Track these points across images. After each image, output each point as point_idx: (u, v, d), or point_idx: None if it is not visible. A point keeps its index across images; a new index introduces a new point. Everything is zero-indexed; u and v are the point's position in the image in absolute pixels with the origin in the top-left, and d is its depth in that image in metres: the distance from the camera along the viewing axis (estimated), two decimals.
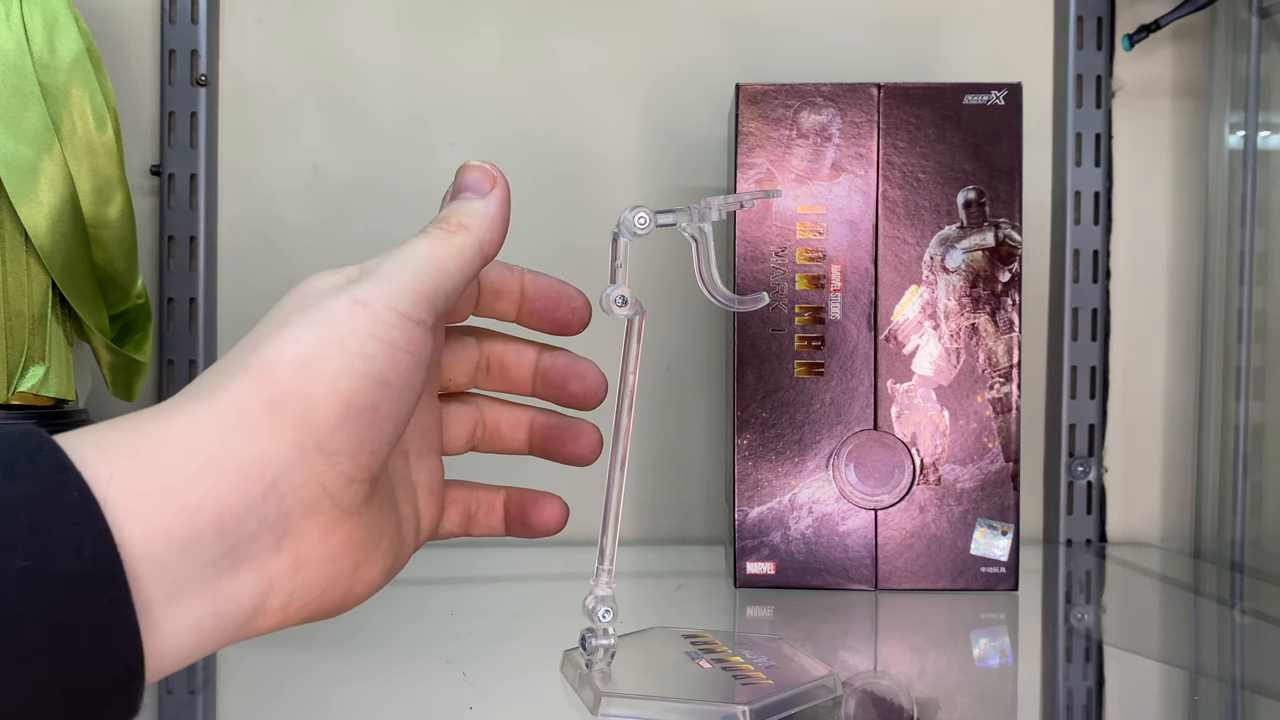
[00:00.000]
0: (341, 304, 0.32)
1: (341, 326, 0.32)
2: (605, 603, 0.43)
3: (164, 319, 0.84)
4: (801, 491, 0.65)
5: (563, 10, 0.87)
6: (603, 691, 0.42)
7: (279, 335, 0.32)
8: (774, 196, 0.47)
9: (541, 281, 0.42)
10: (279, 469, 0.30)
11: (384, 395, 0.32)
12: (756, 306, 0.45)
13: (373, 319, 0.32)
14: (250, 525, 0.30)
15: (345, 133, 0.86)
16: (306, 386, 0.31)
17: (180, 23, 0.84)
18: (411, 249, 0.35)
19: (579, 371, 0.42)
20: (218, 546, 0.29)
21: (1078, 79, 0.85)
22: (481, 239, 0.37)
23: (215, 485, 0.29)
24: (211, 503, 0.29)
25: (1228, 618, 0.68)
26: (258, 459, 0.30)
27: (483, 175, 0.38)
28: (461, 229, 0.36)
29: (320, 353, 0.31)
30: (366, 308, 0.32)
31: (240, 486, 0.29)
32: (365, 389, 0.31)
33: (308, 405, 0.30)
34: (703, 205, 0.44)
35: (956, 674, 0.52)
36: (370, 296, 0.33)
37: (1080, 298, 0.85)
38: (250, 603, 0.30)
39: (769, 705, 0.41)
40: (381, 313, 0.32)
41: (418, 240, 0.35)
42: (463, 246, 0.36)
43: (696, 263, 0.44)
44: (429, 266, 0.34)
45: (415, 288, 0.34)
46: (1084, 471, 0.85)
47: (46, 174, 0.62)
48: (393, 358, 0.32)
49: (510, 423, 0.43)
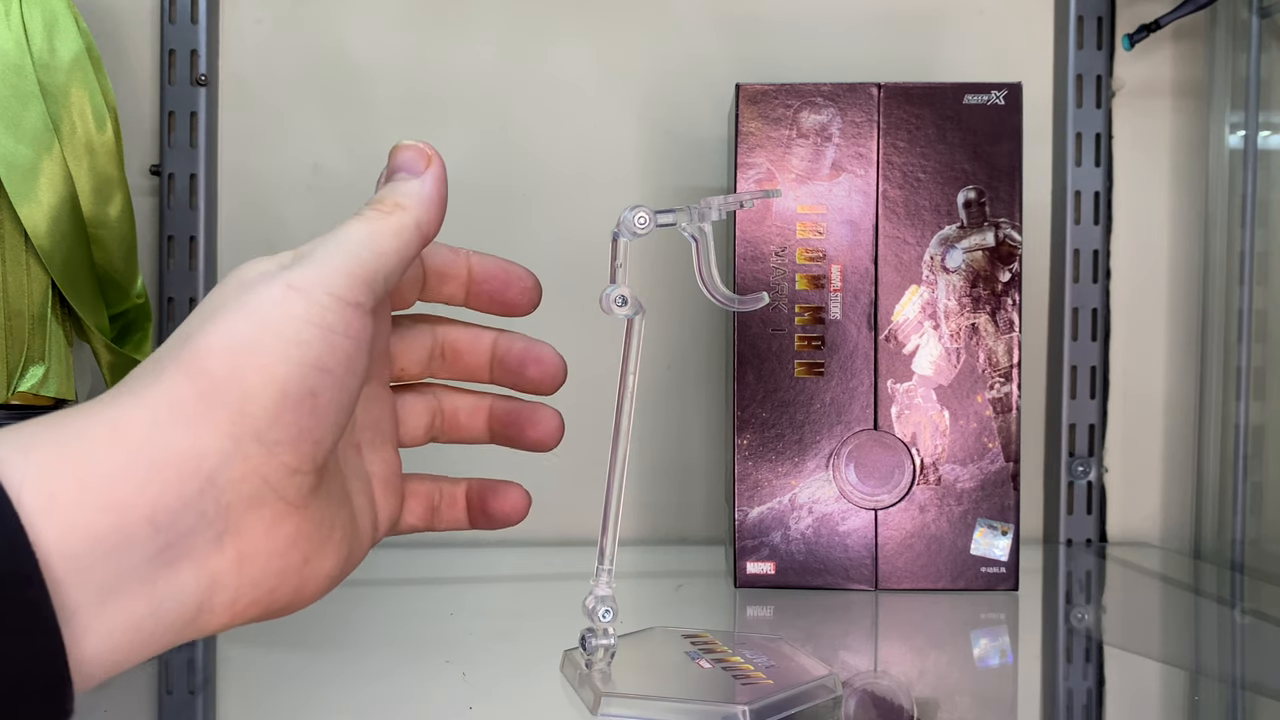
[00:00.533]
0: (275, 290, 0.31)
1: (275, 312, 0.31)
2: (605, 603, 0.43)
3: (164, 319, 0.84)
4: (802, 491, 0.65)
5: (563, 10, 0.87)
6: (603, 691, 0.42)
7: (211, 323, 0.30)
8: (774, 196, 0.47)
9: (489, 262, 0.41)
10: (215, 462, 0.29)
11: (323, 382, 0.31)
12: (756, 306, 0.45)
13: (308, 304, 0.31)
14: (188, 520, 0.29)
15: (345, 133, 0.86)
16: (241, 375, 0.30)
17: (180, 23, 0.84)
18: (345, 231, 0.34)
19: (536, 355, 0.41)
20: (152, 544, 0.28)
21: (1078, 79, 0.85)
22: (418, 219, 0.36)
23: (146, 480, 0.28)
24: (143, 499, 0.28)
25: (1228, 618, 0.68)
26: (192, 452, 0.29)
27: (416, 154, 0.37)
28: (397, 209, 0.35)
29: (254, 340, 0.30)
30: (301, 292, 0.31)
31: (174, 481, 0.28)
32: (302, 376, 0.30)
33: (242, 394, 0.29)
34: (703, 205, 0.44)
35: (956, 674, 0.52)
36: (305, 281, 0.32)
37: (1080, 298, 0.85)
38: (194, 600, 0.29)
39: (769, 705, 0.41)
40: (317, 297, 0.31)
41: (352, 223, 0.34)
42: (399, 227, 0.35)
43: (696, 263, 0.44)
44: (365, 249, 0.33)
45: (351, 270, 0.32)
46: (1084, 471, 0.85)
47: (46, 174, 0.62)
48: (330, 343, 0.31)
49: (468, 410, 0.42)
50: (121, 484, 0.28)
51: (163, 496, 0.28)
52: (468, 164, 0.87)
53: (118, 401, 0.29)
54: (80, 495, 0.27)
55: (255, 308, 0.31)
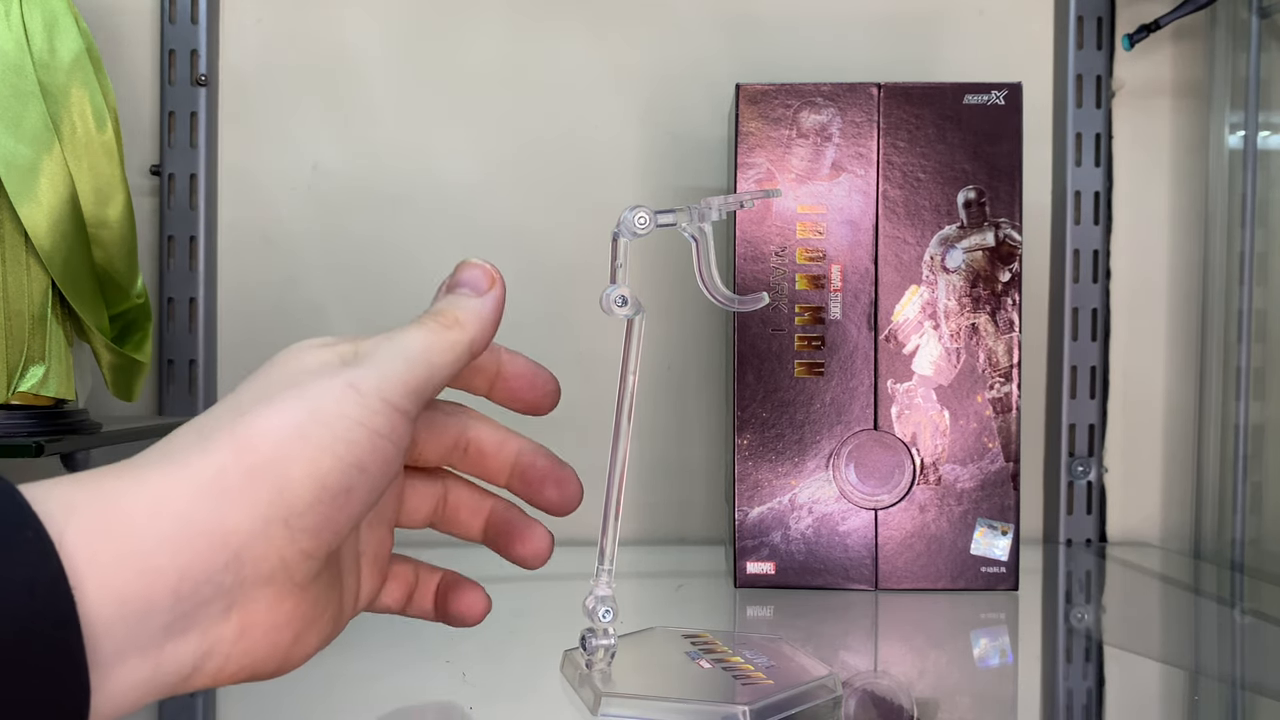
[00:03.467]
0: (334, 386, 0.32)
1: (331, 408, 0.32)
2: (605, 603, 0.43)
3: (164, 319, 0.84)
4: (802, 491, 0.65)
5: (563, 10, 0.87)
6: (603, 691, 0.42)
7: (267, 406, 0.32)
8: (774, 196, 0.47)
9: (519, 362, 0.42)
10: (244, 539, 0.30)
11: (359, 480, 0.32)
12: (756, 306, 0.45)
13: (362, 406, 0.32)
14: (206, 593, 0.30)
15: (345, 132, 0.86)
16: (286, 462, 0.31)
17: (180, 23, 0.84)
18: (406, 339, 0.35)
19: (559, 477, 0.42)
20: (171, 613, 0.29)
21: (1078, 79, 0.85)
22: (473, 338, 0.37)
23: (179, 551, 0.29)
24: (173, 568, 0.29)
25: (1228, 618, 0.68)
26: (226, 528, 0.30)
27: (482, 274, 0.38)
28: (456, 325, 0.37)
29: (306, 431, 0.31)
30: (359, 394, 0.32)
31: (205, 553, 0.29)
32: (342, 472, 0.32)
33: (284, 480, 0.31)
34: (703, 205, 0.44)
35: (956, 674, 0.52)
36: (365, 384, 0.33)
37: (1080, 298, 0.85)
38: (189, 665, 0.30)
39: (769, 705, 0.41)
40: (372, 400, 0.33)
41: (412, 331, 0.36)
42: (454, 343, 0.36)
43: (696, 263, 0.44)
44: (421, 359, 0.35)
45: (406, 379, 0.34)
46: (1084, 471, 0.85)
47: (46, 174, 0.62)
48: (374, 445, 0.32)
49: (470, 508, 0.42)
50: (157, 554, 0.29)
51: (191, 568, 0.29)
52: (468, 164, 0.87)
53: (162, 468, 0.30)
54: (118, 561, 0.28)
55: (311, 399, 0.32)
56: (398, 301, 0.86)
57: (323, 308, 0.86)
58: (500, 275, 0.39)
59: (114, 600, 0.28)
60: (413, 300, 0.92)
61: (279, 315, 0.86)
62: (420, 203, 0.86)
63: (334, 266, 0.86)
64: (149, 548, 0.29)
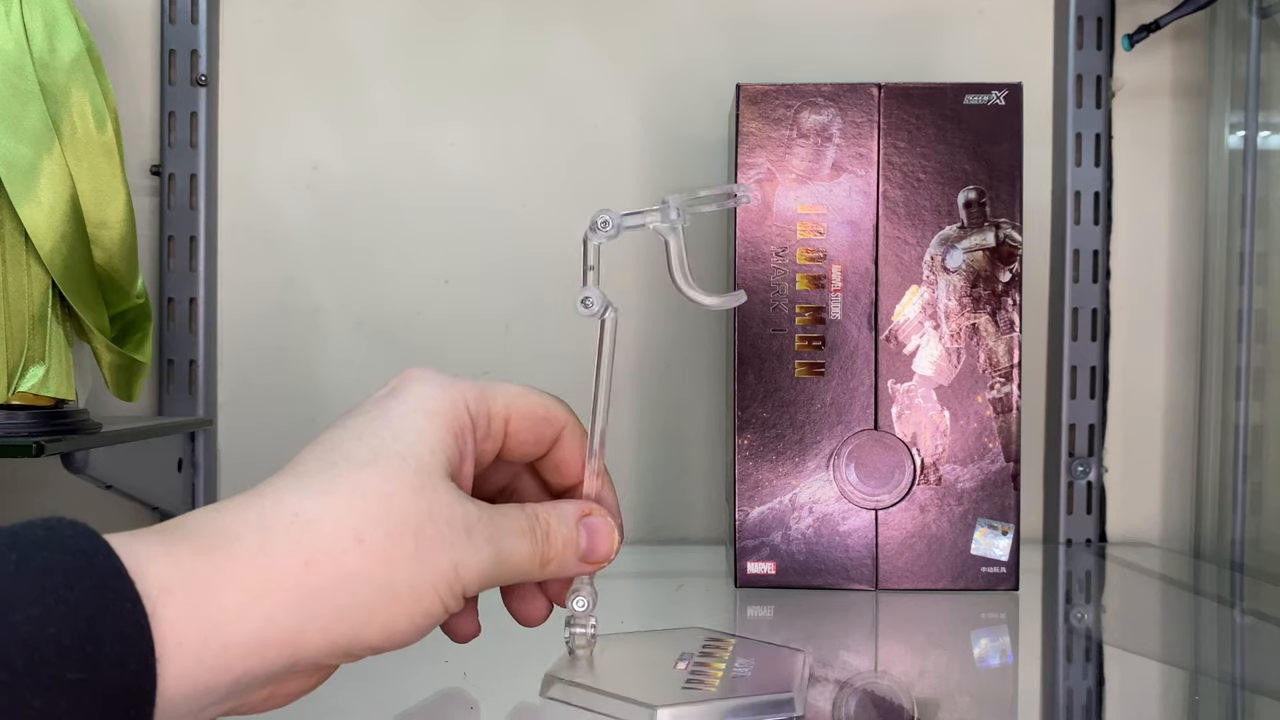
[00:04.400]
0: (443, 563, 0.34)
1: (429, 583, 0.34)
2: (580, 592, 0.43)
3: (164, 319, 0.84)
4: (802, 491, 0.65)
5: (563, 10, 0.87)
6: (554, 676, 0.44)
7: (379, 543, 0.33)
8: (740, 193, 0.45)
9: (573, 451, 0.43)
10: (308, 654, 0.32)
11: (416, 637, 0.35)
12: (732, 305, 0.45)
13: (452, 593, 0.35)
14: (259, 682, 0.32)
15: (345, 132, 0.86)
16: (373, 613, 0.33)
17: (180, 23, 0.84)
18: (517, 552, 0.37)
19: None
20: (225, 698, 0.31)
21: (1078, 79, 0.85)
22: (540, 577, 0.39)
23: (252, 655, 0.31)
24: (243, 668, 0.31)
25: (1228, 618, 0.68)
26: (298, 644, 0.32)
27: (606, 549, 0.41)
28: (545, 568, 0.39)
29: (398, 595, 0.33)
30: (456, 578, 0.35)
31: (271, 661, 0.31)
32: (409, 633, 0.34)
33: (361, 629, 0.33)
34: (664, 206, 0.44)
35: (957, 674, 0.52)
36: (466, 574, 0.35)
37: (1080, 298, 0.85)
38: (212, 715, 0.32)
39: (688, 712, 0.41)
40: (458, 589, 0.35)
41: (524, 544, 0.38)
42: (528, 574, 0.38)
43: (667, 262, 0.44)
44: (508, 575, 0.37)
45: (488, 583, 0.36)
46: (1084, 471, 0.85)
47: (46, 174, 0.62)
48: (439, 620, 0.35)
49: None
50: (232, 653, 0.30)
51: (256, 668, 0.31)
52: (468, 164, 0.87)
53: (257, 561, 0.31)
54: (198, 652, 0.30)
55: (422, 568, 0.34)
56: (398, 301, 0.86)
57: (323, 308, 0.86)
58: (613, 558, 0.41)
59: (187, 686, 0.30)
60: (413, 300, 0.92)
61: (279, 315, 0.86)
62: (420, 203, 0.86)
63: (334, 266, 0.86)
64: (228, 646, 0.30)
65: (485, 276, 0.86)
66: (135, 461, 0.73)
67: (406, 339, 0.86)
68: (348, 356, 0.86)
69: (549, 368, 0.85)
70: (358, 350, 0.86)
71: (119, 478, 0.70)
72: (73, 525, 0.30)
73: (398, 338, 0.86)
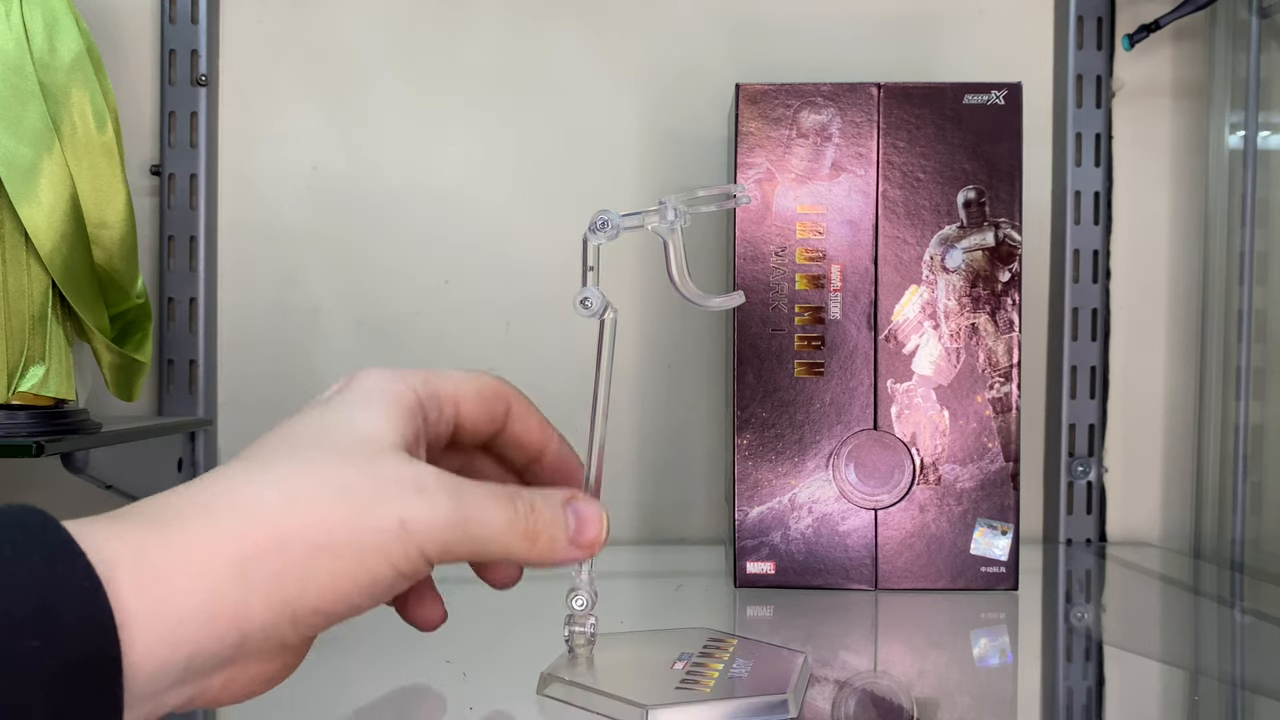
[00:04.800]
0: (387, 518, 0.33)
1: (371, 541, 0.33)
2: (579, 592, 0.44)
3: (164, 319, 0.84)
4: (801, 491, 0.65)
5: (563, 10, 0.87)
6: (550, 675, 0.44)
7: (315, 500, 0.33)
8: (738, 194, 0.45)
9: (565, 456, 0.43)
10: (256, 626, 0.32)
11: (367, 603, 0.34)
12: (730, 305, 0.45)
13: (403, 552, 0.33)
14: (211, 661, 0.31)
15: (345, 132, 0.86)
16: (311, 570, 0.32)
17: (180, 23, 0.84)
18: (484, 511, 0.36)
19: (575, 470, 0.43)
20: (178, 677, 0.31)
21: (1078, 79, 0.85)
22: (531, 560, 0.38)
23: (201, 629, 0.31)
24: (192, 641, 0.30)
25: (1228, 618, 0.68)
26: (243, 614, 0.31)
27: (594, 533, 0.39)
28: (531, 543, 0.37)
29: (339, 552, 0.33)
30: (405, 535, 0.33)
31: (220, 633, 0.31)
32: (355, 596, 0.33)
33: (304, 587, 0.32)
34: (662, 206, 0.44)
35: (956, 674, 0.52)
36: (417, 527, 0.34)
37: (1080, 298, 0.85)
38: (173, 705, 0.32)
39: (680, 713, 0.41)
40: (411, 550, 0.34)
41: (497, 508, 0.36)
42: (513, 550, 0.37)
43: (666, 262, 0.44)
44: (478, 540, 0.36)
45: (454, 547, 0.35)
46: (1084, 471, 0.85)
47: (46, 174, 0.62)
48: (394, 583, 0.34)
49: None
50: (185, 626, 0.30)
51: (206, 642, 0.31)
52: (468, 164, 0.87)
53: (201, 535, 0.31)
54: (149, 626, 0.29)
55: (360, 523, 0.33)
56: (398, 301, 0.86)
57: (323, 308, 0.86)
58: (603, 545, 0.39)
59: (144, 660, 0.29)
60: (413, 300, 0.92)
61: (279, 315, 0.86)
62: (420, 203, 0.86)
63: (334, 266, 0.86)
64: (180, 619, 0.30)
65: (485, 276, 0.86)
66: (135, 461, 0.73)
67: (406, 339, 0.86)
68: (348, 356, 0.86)
69: (549, 368, 0.85)
70: (358, 350, 0.86)
71: (119, 478, 0.70)
72: (22, 507, 0.30)
73: (398, 337, 0.86)
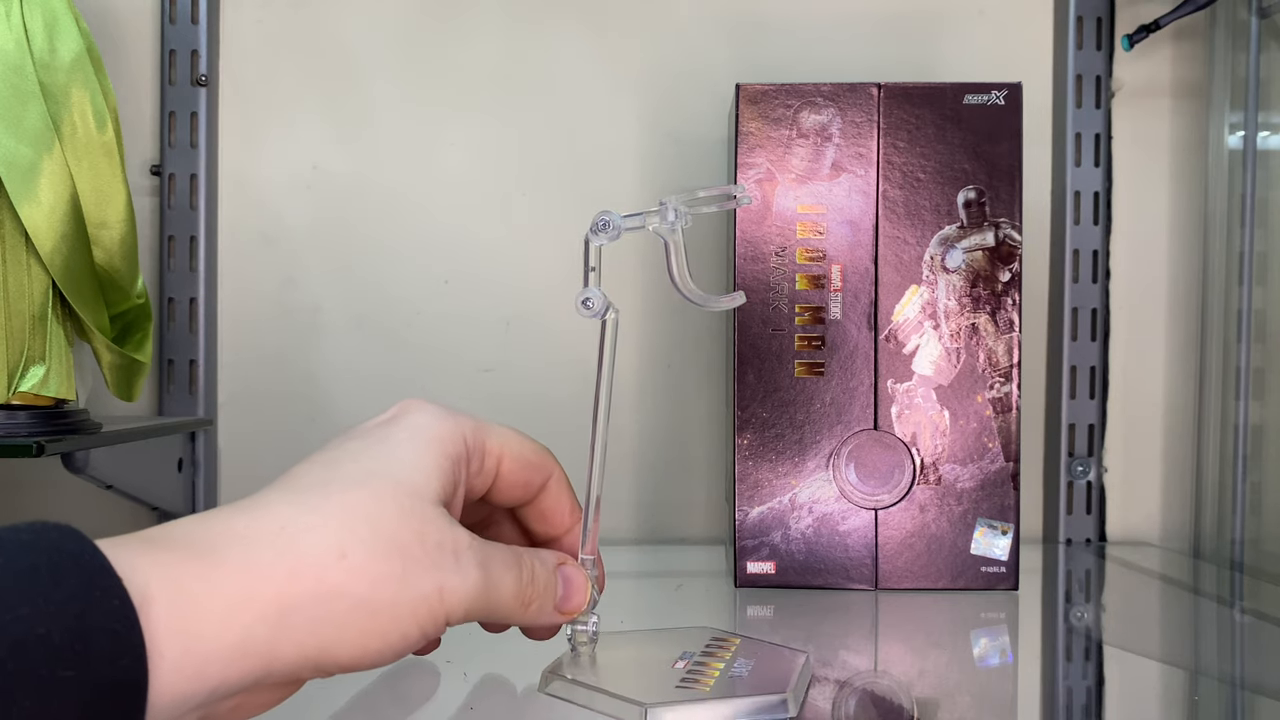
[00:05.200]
0: (427, 585, 0.34)
1: (409, 605, 0.33)
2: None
3: (164, 319, 0.84)
4: (802, 491, 0.65)
5: (563, 10, 0.87)
6: (554, 673, 0.44)
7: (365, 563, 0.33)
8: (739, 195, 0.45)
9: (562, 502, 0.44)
10: (279, 668, 0.32)
11: (390, 659, 0.34)
12: (731, 305, 0.45)
13: (434, 619, 0.34)
14: (231, 692, 0.32)
15: (345, 133, 0.86)
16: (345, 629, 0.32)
17: (180, 23, 0.84)
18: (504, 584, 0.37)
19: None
20: (199, 708, 0.31)
21: (1078, 79, 0.85)
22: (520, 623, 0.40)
23: (229, 665, 0.31)
24: (218, 677, 0.31)
25: (1228, 618, 0.68)
26: (270, 657, 0.31)
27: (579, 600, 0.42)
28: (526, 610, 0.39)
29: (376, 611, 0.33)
30: (440, 604, 0.34)
31: (246, 672, 0.31)
32: (383, 654, 0.34)
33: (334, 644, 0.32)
34: (663, 207, 0.44)
35: (956, 674, 0.52)
36: (452, 599, 0.35)
37: (1080, 298, 0.85)
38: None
39: (679, 712, 0.41)
40: (441, 617, 0.34)
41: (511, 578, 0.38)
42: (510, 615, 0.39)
43: (667, 263, 0.44)
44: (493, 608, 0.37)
45: (473, 614, 0.36)
46: (1084, 471, 0.85)
47: (47, 174, 0.62)
48: (417, 645, 0.35)
49: None
50: (213, 663, 0.30)
51: (230, 679, 0.31)
52: (468, 164, 0.87)
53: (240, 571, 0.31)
54: (178, 662, 0.29)
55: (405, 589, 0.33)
56: (398, 301, 0.86)
57: (323, 308, 0.86)
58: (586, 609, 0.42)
59: (167, 695, 0.29)
60: (413, 301, 0.92)
61: (279, 315, 0.86)
62: (420, 203, 0.86)
63: (334, 266, 0.86)
64: (208, 656, 0.30)
65: (485, 276, 0.86)
66: (135, 461, 0.73)
67: (406, 339, 0.86)
68: (348, 356, 0.86)
69: (549, 368, 0.85)
70: (358, 350, 0.86)
71: (119, 478, 0.70)
72: (58, 528, 0.30)
73: (398, 338, 0.86)
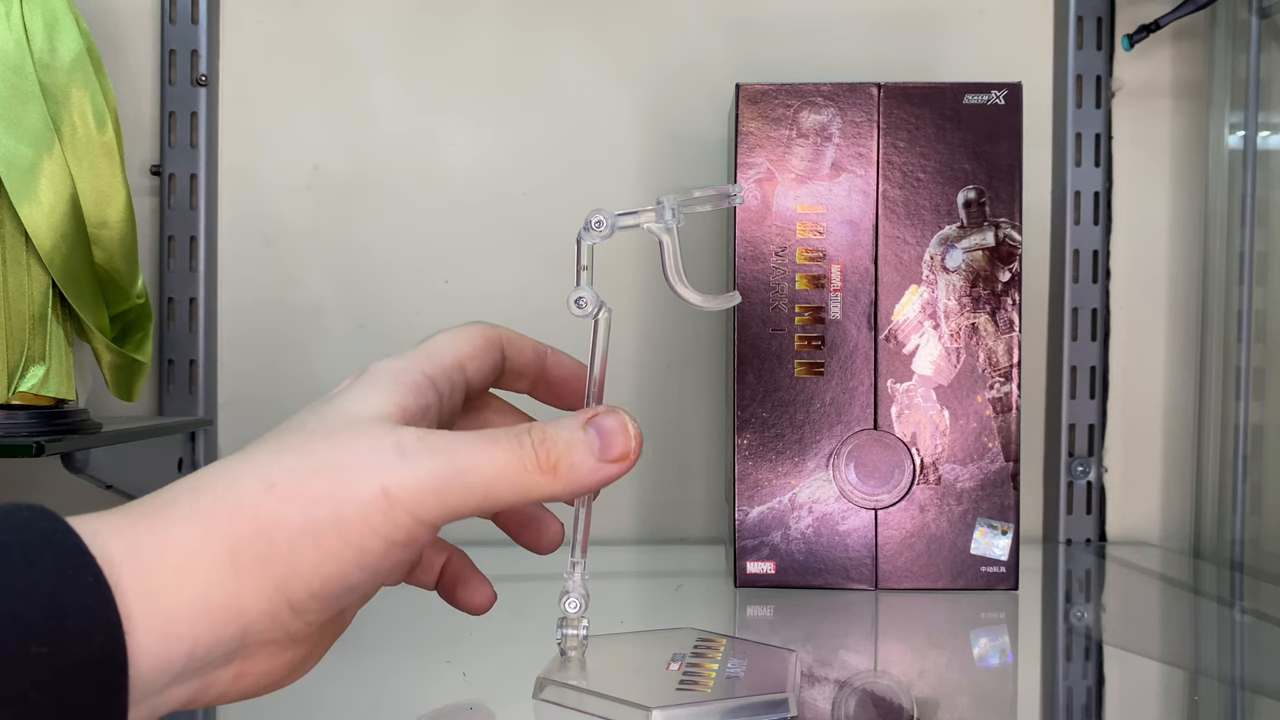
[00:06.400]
0: (368, 486, 0.32)
1: (353, 515, 0.31)
2: (572, 594, 0.44)
3: (164, 319, 0.84)
4: (802, 491, 0.65)
5: (563, 10, 0.87)
6: (546, 679, 0.44)
7: (293, 486, 0.32)
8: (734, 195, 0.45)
9: (565, 366, 0.42)
10: (253, 617, 0.31)
11: (364, 579, 0.32)
12: (726, 306, 0.45)
13: (388, 519, 0.32)
14: (214, 655, 0.31)
15: (345, 133, 0.86)
16: (295, 557, 0.31)
17: (180, 23, 0.84)
18: (482, 456, 0.33)
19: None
20: (182, 671, 0.30)
21: (1078, 79, 0.85)
22: (558, 494, 0.34)
23: (196, 621, 0.30)
24: (190, 636, 0.30)
25: (1228, 618, 0.68)
26: (238, 605, 0.31)
27: (623, 440, 0.36)
28: (552, 473, 0.34)
29: (320, 532, 0.31)
30: (388, 504, 0.31)
31: (218, 626, 0.30)
32: (346, 574, 0.32)
33: (290, 573, 0.31)
34: (658, 206, 0.44)
35: (956, 674, 0.52)
36: (402, 493, 0.32)
37: (1080, 298, 0.85)
38: (183, 700, 0.32)
39: (684, 714, 0.41)
40: (400, 515, 0.32)
41: (498, 448, 0.33)
42: (533, 488, 0.34)
43: (661, 262, 0.44)
44: (481, 487, 0.33)
45: (451, 502, 0.32)
46: (1084, 471, 0.85)
47: (47, 174, 0.62)
48: (388, 554, 0.32)
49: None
50: (178, 622, 0.30)
51: (204, 637, 0.30)
52: (468, 164, 0.87)
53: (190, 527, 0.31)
54: (147, 622, 0.29)
55: (339, 500, 0.31)
56: (398, 301, 0.86)
57: (323, 308, 0.86)
58: (638, 451, 0.36)
59: (145, 664, 0.29)
60: (413, 300, 0.92)
61: (279, 315, 0.86)
62: (420, 203, 0.86)
63: (334, 266, 0.86)
64: (173, 613, 0.30)
65: (485, 276, 0.86)
66: (135, 461, 0.73)
67: (407, 339, 0.86)
68: (348, 356, 0.86)
69: None
70: (358, 350, 0.86)
71: (119, 478, 0.70)
72: (30, 508, 0.30)
73: (398, 338, 0.86)
